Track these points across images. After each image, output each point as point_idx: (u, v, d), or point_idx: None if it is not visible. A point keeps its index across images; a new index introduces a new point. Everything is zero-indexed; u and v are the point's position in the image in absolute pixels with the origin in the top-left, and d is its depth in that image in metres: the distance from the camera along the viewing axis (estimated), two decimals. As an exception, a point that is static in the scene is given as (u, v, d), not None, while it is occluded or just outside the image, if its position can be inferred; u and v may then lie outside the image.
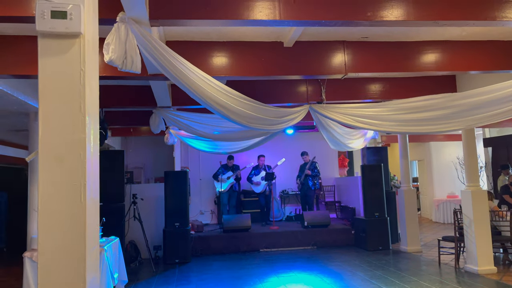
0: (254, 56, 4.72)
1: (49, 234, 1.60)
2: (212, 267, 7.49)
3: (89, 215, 1.64)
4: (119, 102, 6.30)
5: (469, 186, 6.61)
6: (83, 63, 1.67)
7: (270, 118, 5.07)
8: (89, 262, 1.64)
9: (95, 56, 1.84)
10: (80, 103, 1.64)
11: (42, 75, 1.63)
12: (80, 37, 1.69)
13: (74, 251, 1.60)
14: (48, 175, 1.59)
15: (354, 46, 4.91)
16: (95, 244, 1.80)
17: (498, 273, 6.24)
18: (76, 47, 1.68)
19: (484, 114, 4.78)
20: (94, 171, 1.75)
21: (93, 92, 1.80)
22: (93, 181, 1.74)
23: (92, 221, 1.71)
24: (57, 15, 1.67)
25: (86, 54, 1.69)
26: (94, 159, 1.74)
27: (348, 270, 6.82)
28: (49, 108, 1.62)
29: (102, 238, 5.82)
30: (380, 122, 5.49)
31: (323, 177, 11.99)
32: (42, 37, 1.67)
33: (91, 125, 1.71)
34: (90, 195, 1.65)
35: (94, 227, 1.80)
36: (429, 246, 8.76)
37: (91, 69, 1.76)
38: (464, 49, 5.01)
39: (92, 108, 1.76)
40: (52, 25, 1.69)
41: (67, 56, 1.67)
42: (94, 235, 1.80)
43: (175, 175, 8.39)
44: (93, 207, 1.72)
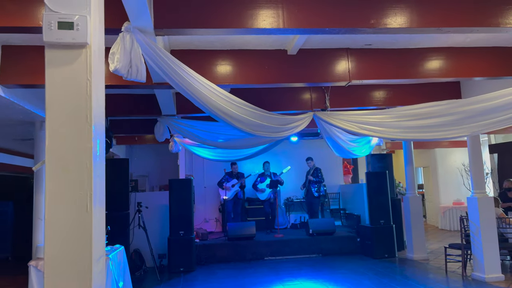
0: (258, 64, 4.75)
1: (55, 244, 1.60)
2: (217, 275, 7.46)
3: (95, 224, 1.64)
4: (124, 111, 6.34)
5: (476, 193, 6.56)
6: (89, 73, 1.68)
7: (274, 125, 5.08)
8: (95, 272, 1.64)
9: (101, 66, 1.85)
10: (86, 113, 1.66)
11: (49, 85, 1.65)
12: (86, 47, 1.71)
13: (80, 261, 1.60)
14: (54, 185, 1.60)
15: (358, 53, 4.92)
16: (101, 253, 1.80)
17: (505, 281, 6.18)
18: (83, 57, 1.70)
19: (489, 121, 4.77)
20: (100, 181, 1.76)
21: (99, 101, 1.81)
22: (99, 190, 1.74)
23: (98, 230, 1.71)
24: (64, 26, 1.69)
25: (93, 64, 1.71)
26: (100, 168, 1.75)
27: (354, 278, 6.77)
28: (56, 118, 1.63)
29: (107, 246, 5.82)
30: (384, 129, 5.48)
31: (328, 184, 11.95)
32: (49, 47, 1.69)
33: (97, 134, 1.72)
34: (96, 204, 1.65)
35: (100, 237, 1.80)
36: (435, 254, 8.69)
37: (98, 78, 1.78)
38: (468, 55, 5.01)
39: (98, 118, 1.76)
40: (59, 36, 1.71)
41: (73, 66, 1.69)
42: (100, 245, 1.80)
43: (179, 183, 8.39)
44: (99, 216, 1.73)
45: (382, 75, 4.93)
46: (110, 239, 6.22)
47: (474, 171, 6.67)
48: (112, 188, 7.89)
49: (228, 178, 10.20)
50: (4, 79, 4.22)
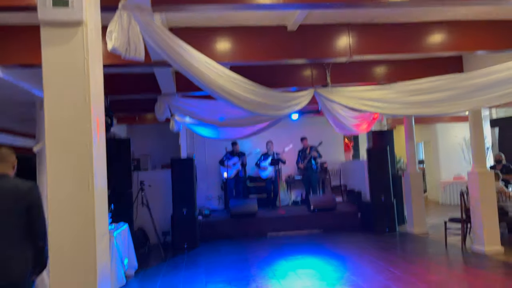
0: (258, 40, 4.69)
1: (59, 223, 1.62)
2: (220, 251, 7.58)
3: (98, 202, 1.66)
4: (124, 90, 6.31)
5: (476, 167, 6.59)
6: (86, 51, 1.67)
7: (275, 103, 5.06)
8: (99, 248, 1.67)
9: (98, 44, 1.83)
10: (84, 93, 1.65)
11: (46, 65, 1.64)
12: (82, 25, 1.68)
13: (84, 238, 1.63)
14: (55, 165, 1.61)
15: (359, 29, 4.85)
16: (104, 231, 1.83)
17: (505, 253, 6.26)
18: (79, 35, 1.68)
19: (491, 95, 4.74)
20: (101, 160, 1.77)
21: (98, 80, 1.79)
22: (101, 169, 1.75)
23: (100, 208, 1.73)
24: (59, 3, 1.66)
25: (89, 43, 1.69)
26: (100, 147, 1.75)
27: (355, 253, 6.88)
28: (54, 98, 1.62)
29: (111, 225, 5.90)
30: (386, 104, 5.46)
31: (329, 161, 11.99)
32: (44, 26, 1.67)
33: (97, 114, 1.72)
34: (98, 183, 1.67)
35: (103, 214, 1.82)
36: (435, 228, 8.78)
37: (95, 57, 1.76)
38: (470, 29, 4.94)
39: (97, 97, 1.76)
40: (54, 13, 1.68)
41: (70, 45, 1.67)
42: (103, 222, 1.82)
43: (181, 162, 8.43)
44: (101, 194, 1.74)
45: (383, 51, 4.88)
46: (114, 217, 6.31)
47: (475, 146, 6.68)
48: (114, 168, 7.93)
49: (229, 156, 10.24)
50: (3, 59, 4.19)
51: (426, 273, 5.39)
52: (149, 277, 6.05)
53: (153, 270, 6.49)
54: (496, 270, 5.48)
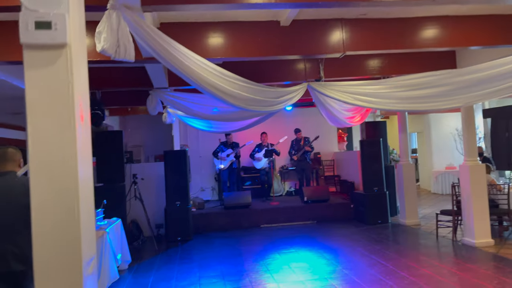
0: (250, 36, 4.64)
1: (44, 250, 1.60)
2: (214, 244, 7.61)
3: (84, 231, 1.62)
4: (115, 84, 6.24)
5: (468, 160, 6.63)
6: (70, 74, 1.61)
7: (268, 99, 5.03)
8: (86, 276, 1.64)
9: (83, 65, 1.78)
10: (69, 117, 1.60)
11: (29, 89, 1.58)
12: (66, 48, 1.63)
13: (69, 265, 1.60)
14: (39, 192, 1.57)
15: (352, 24, 4.81)
16: (92, 254, 1.80)
17: (495, 246, 6.35)
18: (63, 58, 1.62)
19: (484, 91, 4.75)
20: (88, 185, 1.73)
21: (83, 103, 1.75)
22: (87, 195, 1.72)
23: (87, 236, 1.69)
24: (42, 26, 1.61)
25: (74, 65, 1.64)
26: (86, 171, 1.72)
27: (347, 245, 6.94)
28: (38, 122, 1.58)
29: (104, 220, 5.89)
30: (379, 99, 5.44)
31: (323, 151, 12.04)
32: (27, 49, 1.61)
33: (82, 138, 1.68)
34: (84, 210, 1.64)
35: (90, 242, 1.78)
36: (427, 219, 8.88)
37: (80, 79, 1.71)
38: (463, 24, 4.91)
39: (82, 122, 1.71)
40: (37, 37, 1.62)
41: (53, 68, 1.61)
42: (90, 250, 1.78)
43: (174, 155, 8.40)
44: (88, 222, 1.71)
45: (377, 46, 4.85)
46: (107, 211, 6.29)
47: (466, 139, 6.71)
48: (107, 161, 7.92)
49: (223, 148, 10.23)
50: (-10, 56, 4.11)
51: (418, 267, 5.45)
52: (143, 271, 6.07)
53: (146, 263, 6.51)
54: (486, 263, 5.56)
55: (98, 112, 7.26)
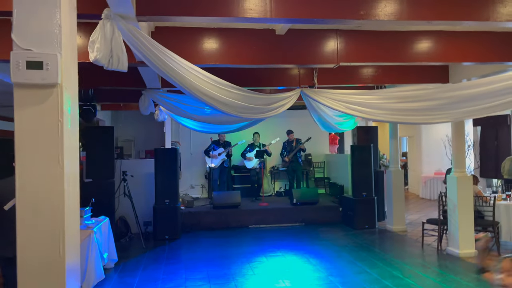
0: (245, 43, 4.63)
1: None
2: (202, 244, 7.63)
3: (69, 273, 1.62)
4: (108, 82, 6.18)
5: (456, 171, 6.70)
6: (60, 113, 1.60)
7: (260, 106, 5.04)
8: None
9: (74, 103, 1.76)
10: (58, 156, 1.59)
11: (18, 127, 1.57)
12: (57, 87, 1.62)
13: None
14: (25, 228, 1.57)
15: (347, 35, 4.82)
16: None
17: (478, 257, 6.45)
18: (54, 97, 1.61)
19: (474, 108, 4.79)
20: (74, 221, 1.73)
21: (72, 142, 1.74)
22: (73, 234, 1.72)
23: (71, 274, 1.69)
24: (33, 66, 1.59)
25: (64, 104, 1.63)
26: (74, 209, 1.72)
27: (334, 250, 7.00)
28: (26, 161, 1.57)
29: (91, 219, 5.88)
30: (370, 110, 5.47)
31: (314, 153, 12.09)
32: (18, 88, 1.59)
33: (70, 177, 1.67)
34: (70, 249, 1.64)
35: (74, 279, 1.77)
36: (414, 225, 8.98)
37: (70, 118, 1.70)
38: (457, 39, 4.95)
39: (71, 159, 1.70)
40: (28, 76, 1.60)
41: (43, 107, 1.60)
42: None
43: (165, 152, 8.38)
44: (73, 259, 1.71)
45: (370, 58, 4.87)
46: (95, 207, 6.27)
47: (455, 149, 6.78)
48: (97, 157, 7.88)
49: (214, 146, 10.23)
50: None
51: (402, 276, 5.52)
52: (129, 270, 6.07)
53: (133, 262, 6.51)
54: (468, 274, 5.65)
55: (90, 108, 7.23)
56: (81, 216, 5.59)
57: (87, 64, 5.54)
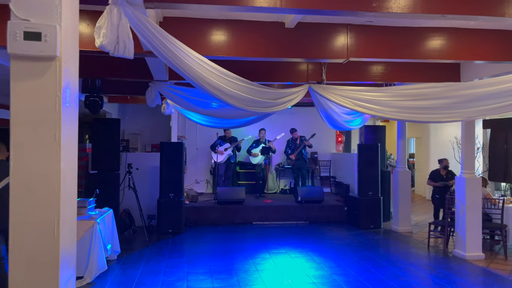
0: (254, 36, 4.56)
1: (19, 267, 1.54)
2: (205, 239, 7.60)
3: (64, 255, 1.57)
4: (114, 73, 6.14)
5: (465, 173, 6.60)
6: (58, 88, 1.55)
7: (267, 100, 4.98)
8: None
9: (74, 78, 1.71)
10: (55, 132, 1.54)
11: (14, 101, 1.51)
12: (56, 60, 1.56)
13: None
14: (18, 207, 1.52)
15: (358, 30, 4.74)
16: (70, 275, 1.74)
17: (485, 260, 6.35)
18: (52, 70, 1.55)
19: (485, 107, 4.69)
20: (71, 201, 1.68)
21: (71, 119, 1.69)
22: (69, 214, 1.67)
23: (66, 256, 1.64)
24: (31, 37, 1.53)
25: (63, 78, 1.57)
26: (71, 190, 1.67)
27: (338, 249, 6.93)
28: (22, 136, 1.51)
29: (95, 210, 5.86)
30: (379, 107, 5.39)
31: (320, 152, 12.00)
32: (14, 59, 1.53)
33: (67, 156, 1.62)
34: (65, 230, 1.59)
35: (69, 262, 1.72)
36: (419, 226, 8.89)
37: (69, 93, 1.64)
38: (470, 37, 4.85)
39: (69, 137, 1.65)
40: (25, 48, 1.55)
41: (41, 81, 1.54)
42: (68, 271, 1.71)
43: (171, 146, 8.35)
44: (68, 242, 1.66)
45: (381, 54, 4.79)
46: (99, 199, 6.27)
47: (465, 151, 6.67)
48: (103, 149, 7.89)
49: (221, 142, 10.18)
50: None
51: (406, 277, 5.45)
52: (132, 263, 6.05)
53: (136, 255, 6.49)
54: (475, 277, 5.56)
55: (97, 99, 7.20)
56: (85, 207, 5.58)
57: (95, 55, 5.52)
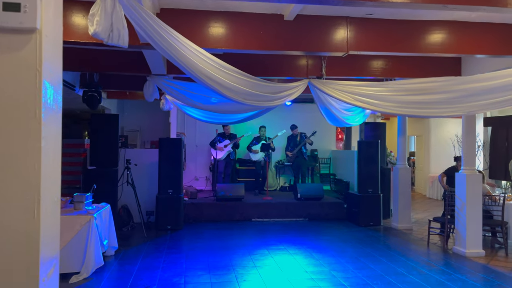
0: (253, 28, 4.51)
1: None
2: (204, 235, 7.55)
3: (45, 237, 1.51)
4: (112, 67, 6.11)
5: (465, 169, 6.54)
6: (39, 62, 1.49)
7: (266, 94, 4.93)
8: (42, 283, 1.53)
9: (56, 53, 1.65)
10: (35, 109, 1.49)
11: None
12: (36, 33, 1.50)
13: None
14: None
15: (358, 23, 4.69)
16: (53, 258, 1.67)
17: (486, 257, 6.30)
18: (32, 44, 1.49)
19: (486, 101, 4.65)
20: (53, 181, 1.62)
21: (53, 94, 1.63)
22: (51, 194, 1.61)
23: (48, 238, 1.58)
24: (10, 7, 1.47)
25: (44, 52, 1.51)
26: (53, 170, 1.60)
27: (337, 245, 6.88)
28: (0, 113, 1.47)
29: (92, 205, 5.81)
30: (379, 102, 5.35)
31: (320, 149, 11.95)
32: None
33: (49, 134, 1.56)
34: (47, 210, 1.53)
35: (51, 245, 1.65)
36: (419, 224, 8.83)
37: (51, 69, 1.59)
38: (472, 31, 4.79)
39: (50, 114, 1.59)
40: (4, 19, 1.48)
41: (20, 54, 1.48)
42: (51, 254, 1.64)
43: (170, 142, 8.30)
44: (50, 223, 1.60)
45: (381, 48, 4.73)
46: (97, 195, 6.22)
47: (466, 147, 6.61)
48: (101, 145, 7.84)
49: (220, 139, 10.13)
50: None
51: (406, 273, 5.39)
52: (129, 258, 6.00)
53: (133, 251, 6.45)
54: (475, 274, 5.50)
55: (95, 94, 7.15)
56: (82, 202, 5.53)
57: (92, 48, 5.47)
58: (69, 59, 5.64)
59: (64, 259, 4.91)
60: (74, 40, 3.97)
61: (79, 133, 11.94)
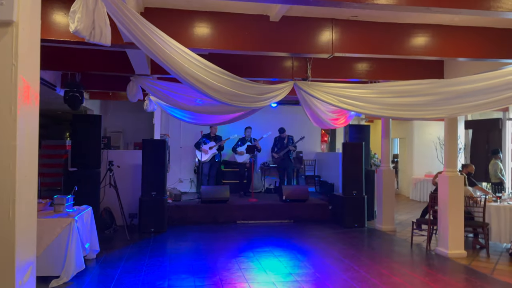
0: (238, 29, 4.48)
1: None
2: (188, 238, 7.47)
3: (20, 240, 1.44)
4: (94, 67, 6.00)
5: (447, 171, 6.62)
6: (15, 56, 1.43)
7: (251, 95, 4.90)
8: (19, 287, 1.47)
9: (34, 47, 1.59)
10: (10, 104, 1.42)
11: None
12: (12, 25, 1.44)
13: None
14: None
15: (343, 25, 4.70)
16: (29, 260, 1.61)
17: (467, 258, 6.38)
18: (8, 37, 1.43)
19: (469, 104, 4.71)
20: (29, 180, 1.56)
21: (30, 90, 1.56)
22: (27, 194, 1.54)
23: (24, 240, 1.51)
24: None
25: (20, 46, 1.45)
26: (30, 169, 1.54)
27: (322, 247, 6.89)
28: None
29: (73, 207, 5.69)
30: (364, 104, 5.37)
31: (305, 151, 11.98)
32: None
33: (25, 132, 1.50)
34: (22, 211, 1.47)
35: (27, 246, 1.58)
36: (403, 225, 8.91)
37: (28, 63, 1.53)
38: (454, 34, 4.86)
39: (27, 111, 1.53)
40: None
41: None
42: (27, 256, 1.57)
43: (153, 144, 8.20)
44: (26, 224, 1.53)
45: (366, 50, 4.75)
46: (79, 197, 6.09)
47: (448, 149, 6.70)
48: (83, 146, 7.70)
49: (205, 140, 10.04)
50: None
51: (389, 274, 5.42)
52: (111, 261, 5.89)
53: (116, 254, 6.33)
54: (457, 275, 5.56)
55: (77, 95, 7.02)
56: (63, 204, 5.41)
57: (73, 47, 5.35)
58: (50, 58, 5.52)
59: (44, 263, 4.79)
60: (55, 39, 3.88)
61: (60, 134, 11.72)
